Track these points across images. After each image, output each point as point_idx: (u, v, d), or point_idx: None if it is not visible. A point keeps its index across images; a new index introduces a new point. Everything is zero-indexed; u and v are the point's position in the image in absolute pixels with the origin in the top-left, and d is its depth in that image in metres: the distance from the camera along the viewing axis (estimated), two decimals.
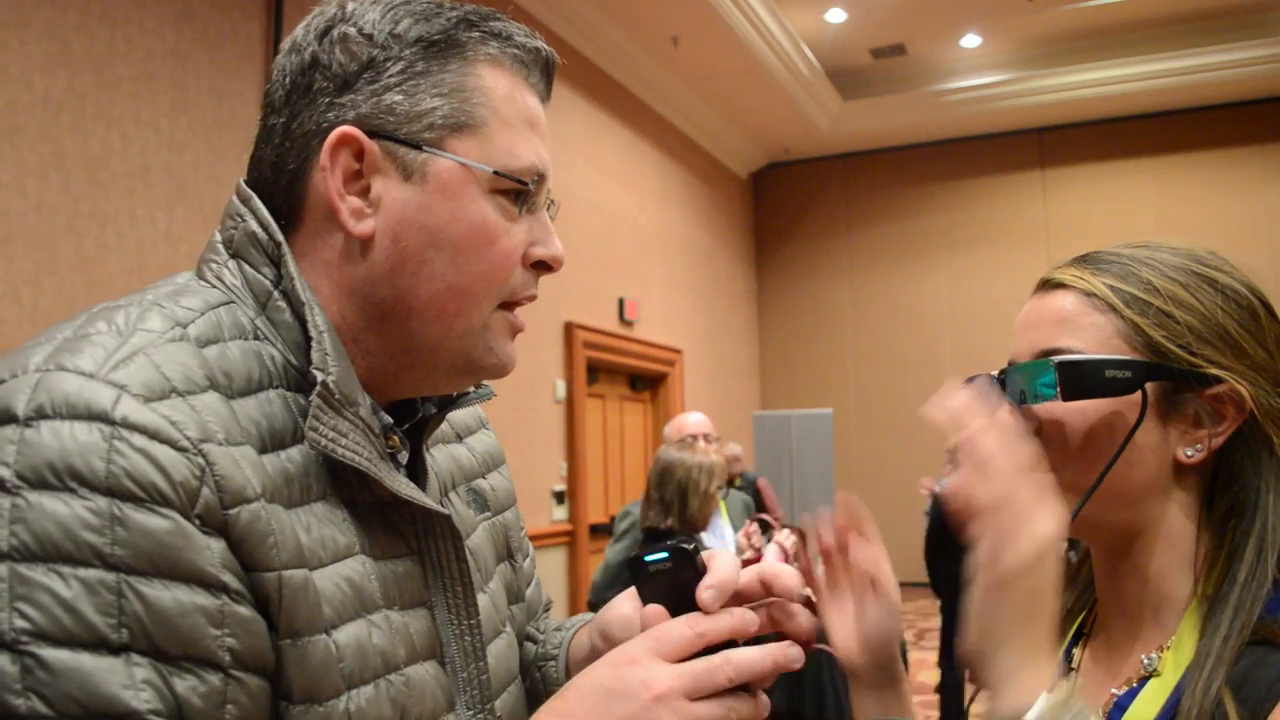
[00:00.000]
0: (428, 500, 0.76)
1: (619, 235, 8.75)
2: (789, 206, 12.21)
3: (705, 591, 0.71)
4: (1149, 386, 0.79)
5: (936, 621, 6.97)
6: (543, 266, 0.80)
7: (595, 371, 8.43)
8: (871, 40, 9.87)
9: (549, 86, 0.82)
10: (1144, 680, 0.80)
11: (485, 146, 0.75)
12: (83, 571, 0.56)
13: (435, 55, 0.74)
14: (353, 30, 0.74)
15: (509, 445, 7.00)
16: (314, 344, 0.70)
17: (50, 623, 0.55)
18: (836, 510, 0.96)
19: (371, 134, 0.73)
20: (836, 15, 9.21)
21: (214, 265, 0.75)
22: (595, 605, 3.36)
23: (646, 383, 9.51)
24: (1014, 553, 0.69)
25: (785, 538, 2.98)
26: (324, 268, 0.75)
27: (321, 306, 0.74)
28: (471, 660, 0.80)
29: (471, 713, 0.80)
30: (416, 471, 0.83)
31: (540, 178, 0.78)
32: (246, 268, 0.74)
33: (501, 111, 0.76)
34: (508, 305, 0.79)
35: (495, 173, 0.75)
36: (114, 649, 0.56)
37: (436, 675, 0.76)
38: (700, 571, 0.73)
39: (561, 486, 7.57)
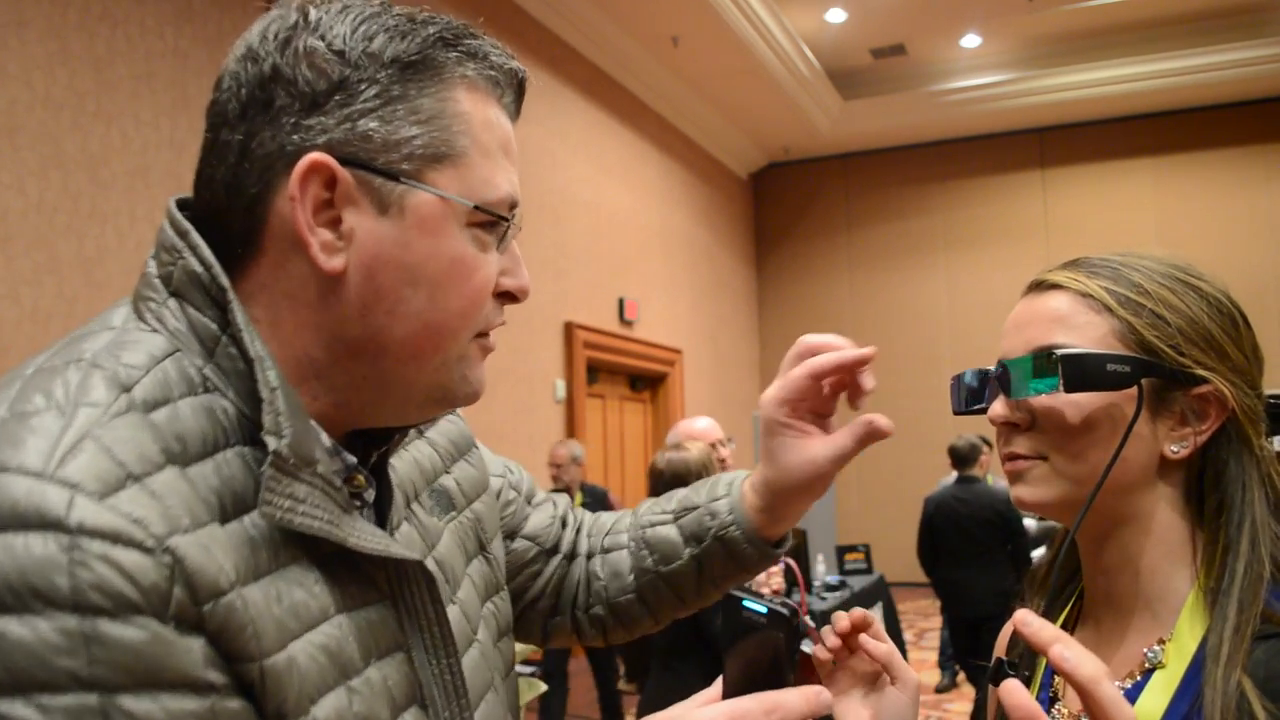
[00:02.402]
0: (396, 550, 0.73)
1: (619, 235, 8.75)
2: (789, 206, 12.22)
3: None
4: (1143, 382, 0.83)
5: (937, 621, 6.98)
6: (508, 297, 0.77)
7: (595, 371, 8.43)
8: (871, 40, 9.87)
9: (519, 106, 0.80)
10: (1147, 674, 0.83)
11: (464, 178, 0.71)
12: (61, 699, 0.53)
13: (411, 78, 0.70)
14: (320, 44, 0.68)
15: (509, 445, 7.06)
16: (265, 405, 0.65)
17: None
18: (839, 623, 0.95)
19: (344, 162, 0.68)
20: (836, 15, 9.21)
21: (153, 305, 0.69)
22: None
23: (646, 383, 9.51)
24: None
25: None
26: (286, 301, 0.70)
27: (279, 349, 0.70)
28: (454, 699, 0.77)
29: None
30: (383, 496, 0.80)
31: (514, 208, 0.76)
32: (190, 309, 0.68)
33: (480, 139, 0.73)
34: (480, 335, 0.76)
35: (476, 207, 0.72)
36: None
37: None
38: (791, 643, 0.70)
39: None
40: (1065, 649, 0.62)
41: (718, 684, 0.72)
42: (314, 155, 0.67)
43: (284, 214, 0.68)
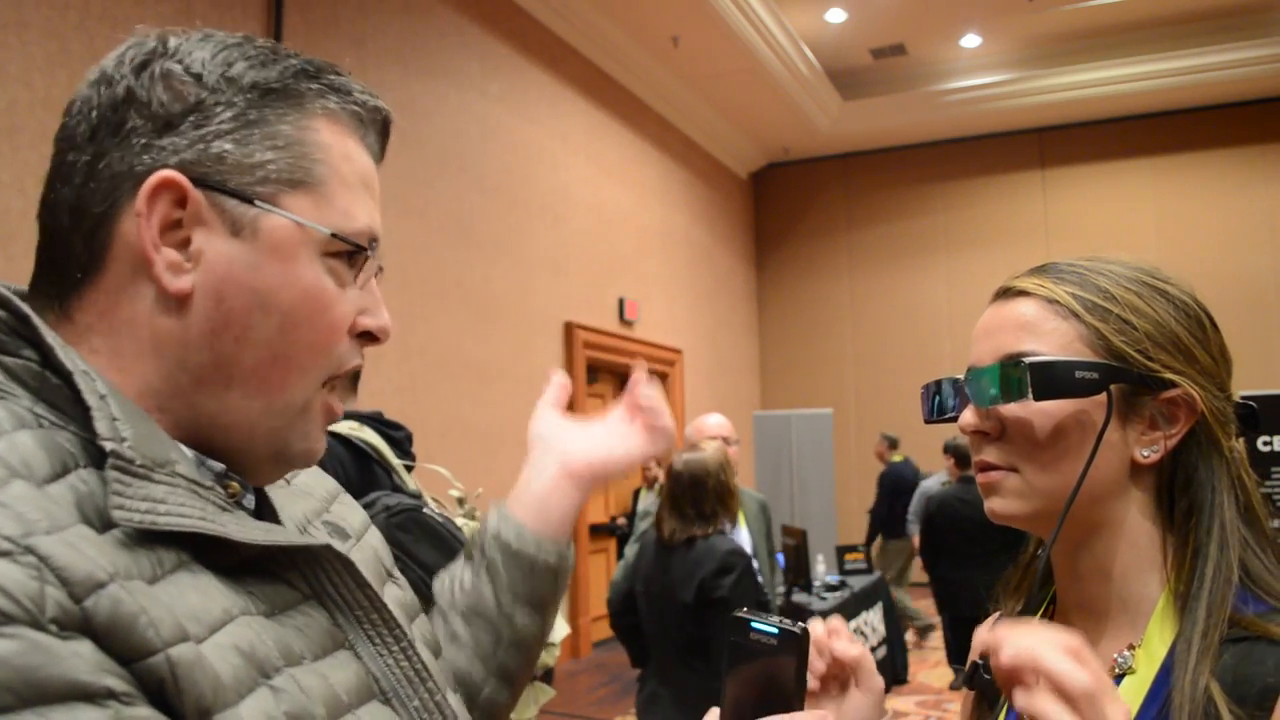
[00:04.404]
0: (295, 537, 0.69)
1: (619, 235, 8.75)
2: (789, 206, 12.22)
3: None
4: (1112, 388, 0.83)
5: (937, 621, 6.98)
6: (369, 337, 0.74)
7: (595, 371, 8.43)
8: (871, 40, 9.88)
9: (384, 148, 0.78)
10: (1118, 678, 0.83)
11: (321, 206, 0.69)
12: None
13: (271, 104, 0.68)
14: (178, 68, 0.67)
15: (508, 447, 7.09)
16: (94, 412, 0.60)
17: None
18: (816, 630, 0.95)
19: (196, 182, 0.65)
20: (836, 15, 9.21)
21: None
22: (614, 601, 3.38)
23: None
24: None
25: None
26: (127, 328, 0.66)
27: (120, 379, 0.66)
28: (420, 684, 0.73)
29: None
30: (263, 513, 0.75)
31: (374, 242, 0.73)
32: (2, 358, 0.63)
33: (339, 170, 0.71)
34: (329, 382, 0.73)
35: (332, 235, 0.69)
36: None
37: (381, 717, 0.70)
38: (802, 665, 0.68)
39: None
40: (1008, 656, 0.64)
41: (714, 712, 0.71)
42: (164, 172, 0.65)
43: (129, 236, 0.65)
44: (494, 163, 6.88)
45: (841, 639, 0.86)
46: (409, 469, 1.91)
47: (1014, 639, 0.64)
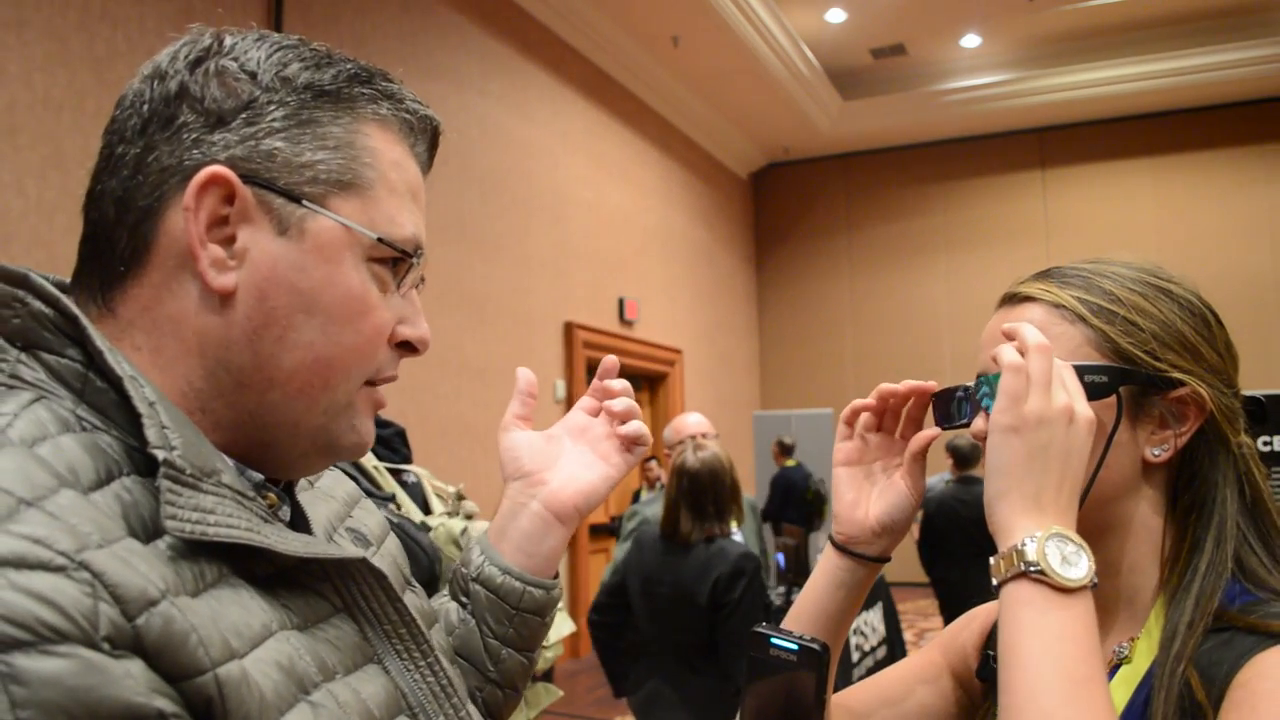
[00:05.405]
0: (333, 550, 0.68)
1: (619, 235, 8.75)
2: (789, 206, 12.22)
3: None
4: (1122, 390, 0.84)
5: (937, 621, 6.97)
6: (408, 348, 0.74)
7: (595, 371, 8.43)
8: (871, 40, 9.88)
9: (432, 158, 0.78)
10: (1116, 668, 0.84)
11: (369, 210, 0.69)
12: None
13: (324, 105, 0.68)
14: (233, 65, 0.67)
15: None
16: (145, 420, 0.60)
17: None
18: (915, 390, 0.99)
19: (245, 179, 0.65)
20: (836, 15, 9.21)
21: (3, 367, 0.62)
22: (602, 596, 3.38)
23: (646, 383, 9.51)
24: (1042, 400, 0.76)
25: None
26: (170, 325, 0.66)
27: (161, 378, 0.66)
28: (445, 699, 0.74)
29: None
30: (297, 524, 0.75)
31: (419, 250, 0.73)
32: (45, 356, 0.62)
33: (388, 176, 0.71)
34: (370, 384, 0.73)
35: (379, 240, 0.69)
36: None
37: None
38: (821, 682, 0.68)
39: None
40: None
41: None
42: (215, 168, 0.64)
43: (175, 230, 0.65)
44: (494, 162, 6.88)
45: (927, 434, 0.95)
46: (396, 471, 1.89)
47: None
